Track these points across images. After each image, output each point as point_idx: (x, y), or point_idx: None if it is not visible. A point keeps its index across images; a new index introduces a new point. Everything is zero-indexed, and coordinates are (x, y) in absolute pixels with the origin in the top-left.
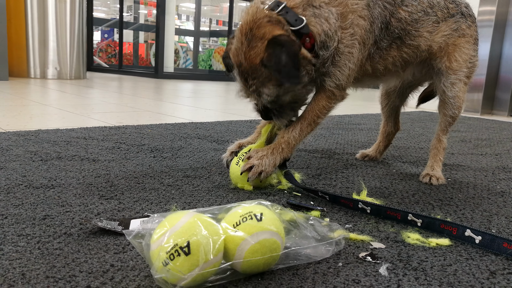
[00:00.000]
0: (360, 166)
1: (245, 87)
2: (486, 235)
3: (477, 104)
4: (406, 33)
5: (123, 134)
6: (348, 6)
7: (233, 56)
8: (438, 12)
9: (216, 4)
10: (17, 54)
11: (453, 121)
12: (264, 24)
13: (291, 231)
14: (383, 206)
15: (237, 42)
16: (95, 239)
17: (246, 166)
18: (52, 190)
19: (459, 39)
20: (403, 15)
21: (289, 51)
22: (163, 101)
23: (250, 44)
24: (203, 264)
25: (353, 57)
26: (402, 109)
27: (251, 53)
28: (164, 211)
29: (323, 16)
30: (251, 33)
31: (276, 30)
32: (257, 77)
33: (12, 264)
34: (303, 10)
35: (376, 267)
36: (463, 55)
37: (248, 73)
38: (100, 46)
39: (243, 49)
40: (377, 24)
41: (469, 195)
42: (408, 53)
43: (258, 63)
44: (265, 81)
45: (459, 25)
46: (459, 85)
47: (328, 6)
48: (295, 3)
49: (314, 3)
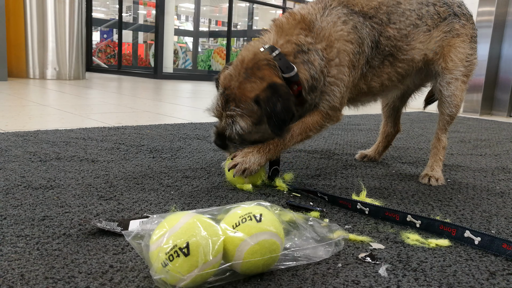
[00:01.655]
0: (359, 166)
1: (221, 109)
2: (485, 236)
3: (476, 104)
4: (398, 49)
5: (122, 135)
6: (332, 35)
7: (224, 78)
8: (428, 21)
9: (215, 4)
10: (16, 54)
11: (451, 120)
12: (263, 65)
13: (291, 232)
14: (382, 207)
15: (234, 70)
16: (94, 240)
17: (231, 164)
18: (51, 191)
19: (453, 39)
20: (392, 33)
21: (285, 104)
22: (162, 101)
23: (248, 78)
24: (203, 265)
25: (342, 83)
26: (403, 110)
27: (247, 85)
28: (164, 211)
29: (310, 60)
30: (251, 70)
31: (274, 76)
32: (241, 108)
33: (11, 265)
34: (294, 58)
35: (376, 268)
36: (459, 55)
37: (233, 99)
38: (99, 46)
39: (240, 79)
40: (367, 43)
41: (469, 195)
42: (403, 67)
43: (251, 97)
44: (245, 115)
45: (452, 26)
46: (455, 84)
47: (314, 45)
48: (287, 50)
49: (303, 48)
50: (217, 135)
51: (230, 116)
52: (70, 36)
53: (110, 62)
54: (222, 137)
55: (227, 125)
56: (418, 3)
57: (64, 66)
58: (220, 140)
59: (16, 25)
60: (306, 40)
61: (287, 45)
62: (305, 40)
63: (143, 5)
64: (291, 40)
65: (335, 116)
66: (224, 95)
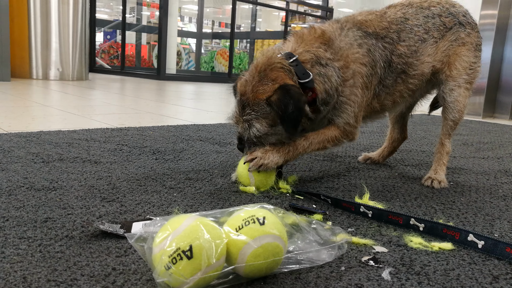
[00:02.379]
0: (362, 169)
1: (239, 114)
2: (489, 240)
3: (479, 107)
4: (409, 66)
5: (125, 136)
6: (349, 57)
7: (240, 85)
8: (434, 33)
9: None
10: (19, 55)
11: (454, 125)
12: (277, 69)
13: (294, 235)
14: (385, 210)
15: (249, 75)
16: (97, 242)
17: (249, 156)
18: (53, 192)
19: (459, 48)
20: (403, 51)
21: (296, 103)
22: (165, 102)
23: (261, 80)
24: (206, 268)
25: (355, 103)
26: (410, 117)
27: (259, 88)
28: (166, 213)
29: (327, 75)
30: (264, 72)
31: (287, 79)
32: (255, 111)
33: (13, 267)
34: (311, 67)
35: (379, 272)
36: (463, 63)
37: (248, 104)
38: (102, 47)
39: (253, 82)
40: (380, 65)
41: (472, 198)
42: (414, 82)
43: (263, 99)
44: (260, 117)
45: (457, 35)
46: (458, 91)
47: (332, 62)
48: (305, 58)
49: (322, 61)
50: (238, 140)
51: (246, 120)
52: (73, 37)
53: (113, 63)
54: (241, 140)
55: (244, 130)
56: (424, 16)
57: (67, 67)
58: (241, 144)
59: (20, 26)
60: (325, 55)
61: (305, 53)
62: (324, 54)
63: (146, 6)
64: (310, 50)
65: (351, 133)
66: (241, 101)
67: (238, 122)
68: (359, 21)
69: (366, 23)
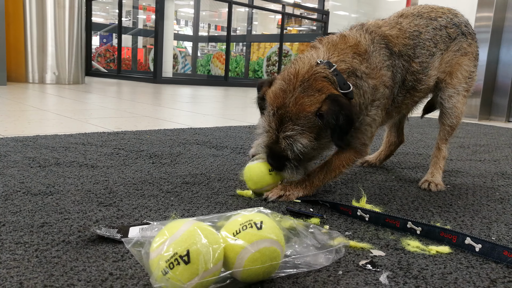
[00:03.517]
0: (359, 172)
1: (276, 130)
2: (486, 243)
3: (475, 109)
4: (418, 82)
5: (122, 140)
6: (381, 78)
7: (275, 97)
8: (441, 45)
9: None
10: (15, 59)
11: (451, 130)
12: (321, 78)
13: (291, 239)
14: (382, 214)
15: (286, 84)
16: (94, 247)
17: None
18: (50, 197)
19: (461, 58)
20: (416, 68)
21: (348, 114)
22: (161, 106)
23: (305, 91)
24: (203, 273)
25: (375, 124)
26: (406, 121)
27: (305, 99)
28: (163, 218)
29: (362, 88)
30: (308, 82)
31: (332, 89)
32: (300, 125)
33: (9, 273)
34: (348, 77)
35: (377, 275)
36: (464, 72)
37: (290, 118)
38: (98, 51)
39: (295, 94)
40: (397, 86)
41: (468, 201)
42: (419, 95)
43: (311, 111)
44: (306, 132)
45: (460, 45)
46: (457, 98)
47: (368, 78)
48: (342, 68)
49: (358, 73)
50: (274, 157)
51: (289, 136)
52: (69, 41)
53: (110, 67)
54: (280, 159)
55: (286, 146)
56: (433, 29)
57: (63, 71)
58: (277, 162)
59: (16, 30)
60: (361, 67)
61: (340, 63)
62: (359, 67)
63: (142, 10)
64: (346, 60)
65: (364, 152)
66: (278, 115)
67: (274, 138)
68: (386, 36)
69: (392, 40)
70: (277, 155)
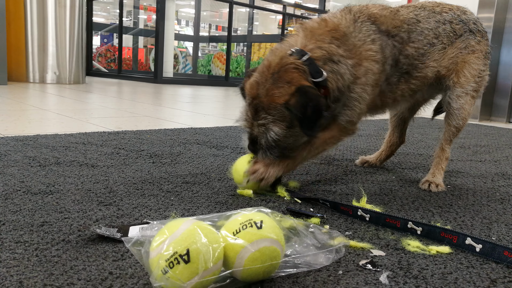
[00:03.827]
0: (359, 172)
1: (252, 118)
2: (486, 244)
3: (476, 110)
4: (414, 67)
5: (122, 140)
6: (362, 54)
7: (251, 87)
8: (444, 39)
9: (215, 9)
10: (16, 59)
11: (457, 132)
12: (291, 70)
13: (291, 238)
14: (383, 214)
15: (260, 76)
16: (94, 246)
17: (251, 169)
18: (50, 196)
19: (468, 56)
20: (410, 52)
21: (315, 105)
22: (162, 106)
23: (275, 83)
24: (203, 272)
25: (363, 100)
26: (411, 122)
27: (275, 91)
28: (163, 217)
29: (339, 72)
30: (278, 74)
31: (303, 80)
32: (271, 114)
33: (9, 272)
34: (323, 64)
35: (377, 275)
36: (472, 71)
37: (263, 108)
38: (99, 51)
39: (267, 85)
40: (389, 62)
41: (469, 202)
42: (416, 83)
43: (280, 103)
44: (277, 120)
45: (468, 42)
46: (465, 98)
47: (345, 59)
48: (317, 55)
49: (334, 58)
50: (251, 141)
51: (262, 125)
52: (70, 41)
53: (110, 67)
54: (255, 144)
55: (260, 134)
56: (435, 21)
57: (64, 71)
58: (253, 146)
59: (17, 29)
60: (338, 51)
61: (316, 50)
62: (336, 51)
63: (143, 10)
64: (322, 46)
65: (351, 130)
66: (253, 105)
67: (251, 126)
68: (374, 14)
69: (380, 18)
70: (254, 141)
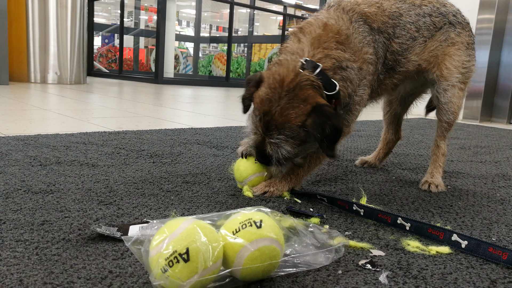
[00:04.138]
0: (359, 173)
1: (263, 133)
2: (472, 240)
3: (476, 111)
4: (397, 63)
5: (123, 140)
6: (363, 57)
7: (262, 103)
8: (424, 32)
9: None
10: (17, 59)
11: (449, 127)
12: (306, 86)
13: (291, 238)
14: (375, 209)
15: (272, 92)
16: (94, 245)
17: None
18: (51, 195)
19: (448, 48)
20: (395, 48)
21: (334, 124)
22: (162, 106)
23: (290, 102)
24: (202, 271)
25: (363, 101)
26: (405, 116)
27: (290, 111)
28: (163, 217)
29: (349, 78)
30: (293, 92)
31: (318, 97)
32: (286, 134)
33: (9, 270)
34: (334, 74)
35: (376, 275)
36: (454, 62)
37: (276, 126)
38: (100, 51)
39: (281, 103)
40: (380, 61)
41: (469, 202)
42: (398, 78)
43: (296, 124)
44: (290, 139)
45: (447, 35)
46: (452, 91)
47: (352, 63)
48: (327, 65)
49: (343, 64)
50: (260, 154)
51: (274, 143)
52: (71, 41)
53: (111, 67)
54: (265, 157)
55: (272, 151)
56: (416, 14)
57: (65, 71)
58: (263, 159)
59: (18, 30)
60: (345, 57)
61: (326, 60)
62: (344, 57)
63: (144, 10)
64: (331, 54)
65: (347, 132)
66: (264, 121)
67: (260, 141)
68: (365, 13)
69: (370, 16)
70: (264, 155)
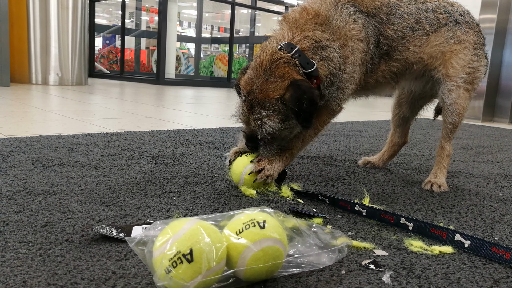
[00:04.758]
0: (362, 173)
1: (248, 113)
2: (475, 240)
3: (478, 111)
4: (393, 49)
5: (125, 141)
6: (346, 34)
7: (245, 83)
8: (425, 25)
9: (217, 11)
10: (19, 60)
11: (453, 128)
12: (282, 64)
13: (294, 238)
14: (378, 209)
15: (253, 73)
16: (97, 246)
17: (257, 167)
18: (53, 197)
19: (454, 46)
20: (389, 33)
21: (310, 98)
22: (164, 107)
23: (268, 78)
24: (206, 272)
25: (354, 80)
26: (414, 121)
27: (269, 86)
28: (166, 218)
29: (329, 57)
30: (270, 70)
31: (295, 73)
32: (266, 109)
33: (13, 271)
34: (313, 54)
35: (379, 275)
36: (460, 61)
37: (258, 103)
38: (101, 52)
39: (260, 81)
40: (372, 41)
41: (472, 202)
42: (396, 66)
43: (274, 97)
44: (272, 114)
45: (453, 32)
46: (457, 92)
47: (332, 42)
48: (305, 46)
49: (321, 44)
50: (248, 138)
51: (257, 119)
52: (72, 42)
53: (113, 68)
54: (253, 139)
55: (256, 128)
56: (417, 8)
57: (66, 72)
58: (251, 142)
59: (20, 31)
60: (324, 36)
61: (304, 41)
62: (322, 36)
63: (145, 11)
64: (309, 35)
65: (338, 111)
66: (248, 100)
67: (247, 121)
68: None
69: (359, 0)
70: (252, 136)
